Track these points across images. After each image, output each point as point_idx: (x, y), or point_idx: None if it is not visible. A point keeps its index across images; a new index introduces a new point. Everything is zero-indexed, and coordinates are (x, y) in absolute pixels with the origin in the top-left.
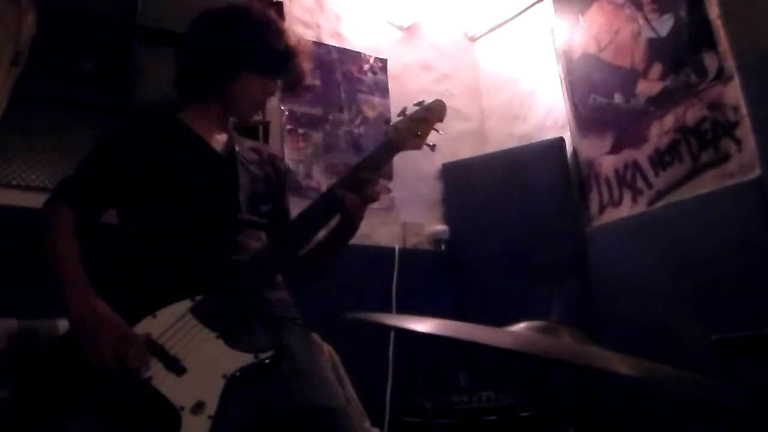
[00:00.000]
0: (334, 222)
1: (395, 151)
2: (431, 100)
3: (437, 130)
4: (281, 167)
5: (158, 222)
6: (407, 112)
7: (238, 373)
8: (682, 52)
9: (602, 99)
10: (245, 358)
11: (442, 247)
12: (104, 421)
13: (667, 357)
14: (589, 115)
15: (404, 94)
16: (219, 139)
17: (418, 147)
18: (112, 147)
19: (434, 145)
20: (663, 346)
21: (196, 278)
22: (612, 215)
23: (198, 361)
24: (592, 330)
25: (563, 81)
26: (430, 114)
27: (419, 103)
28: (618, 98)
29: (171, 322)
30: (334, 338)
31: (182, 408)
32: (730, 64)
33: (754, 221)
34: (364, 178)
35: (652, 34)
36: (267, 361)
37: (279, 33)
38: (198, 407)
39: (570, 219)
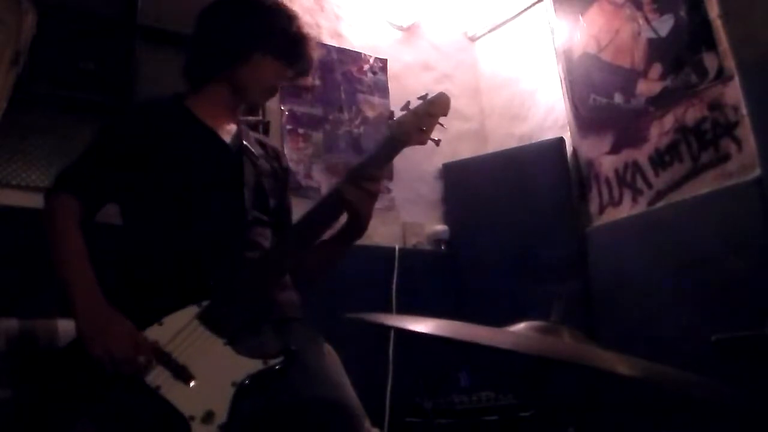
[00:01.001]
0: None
1: (400, 146)
2: (435, 93)
3: (442, 125)
4: (283, 163)
5: (162, 221)
6: (411, 107)
7: (247, 381)
8: (682, 52)
9: (602, 99)
10: (254, 365)
11: (442, 247)
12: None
13: (667, 357)
14: (589, 115)
15: (404, 94)
16: (228, 129)
17: (422, 142)
18: (116, 135)
19: (439, 140)
20: (663, 346)
21: (202, 281)
22: (612, 215)
23: (206, 369)
24: (592, 330)
25: (563, 81)
26: (434, 108)
27: (423, 97)
28: (618, 98)
29: (177, 330)
30: (334, 338)
31: (192, 418)
32: (730, 64)
33: (754, 221)
34: (368, 174)
35: (652, 34)
36: (276, 367)
37: (291, 18)
38: (208, 416)
39: (570, 219)
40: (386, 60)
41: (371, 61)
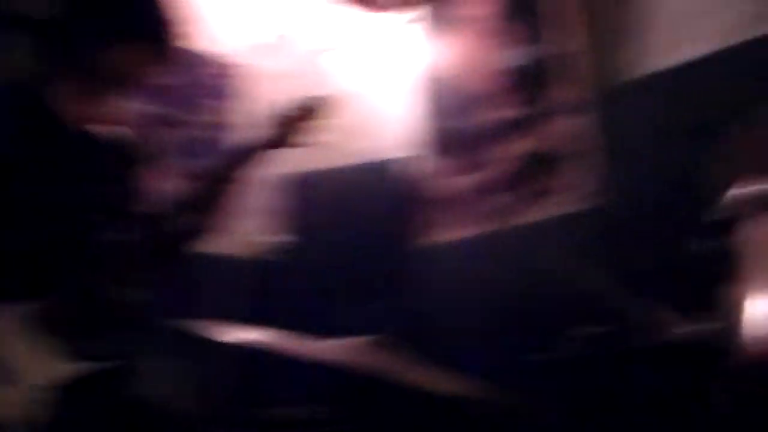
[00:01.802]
0: None
1: (262, 150)
2: (306, 97)
3: (313, 129)
4: (137, 144)
5: (6, 215)
6: (280, 109)
7: (73, 384)
8: (536, 81)
9: (455, 123)
10: (81, 368)
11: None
12: None
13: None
14: (441, 137)
15: (262, 101)
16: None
17: (289, 145)
18: None
19: (309, 144)
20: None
21: (46, 280)
22: (452, 236)
23: (31, 372)
24: (422, 344)
25: (417, 102)
26: (304, 111)
27: (295, 100)
28: (470, 123)
29: (5, 328)
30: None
31: (10, 423)
32: (584, 95)
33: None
34: (220, 176)
35: (508, 63)
36: (106, 370)
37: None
38: (27, 421)
39: (401, 238)
40: (242, 66)
41: (225, 66)
